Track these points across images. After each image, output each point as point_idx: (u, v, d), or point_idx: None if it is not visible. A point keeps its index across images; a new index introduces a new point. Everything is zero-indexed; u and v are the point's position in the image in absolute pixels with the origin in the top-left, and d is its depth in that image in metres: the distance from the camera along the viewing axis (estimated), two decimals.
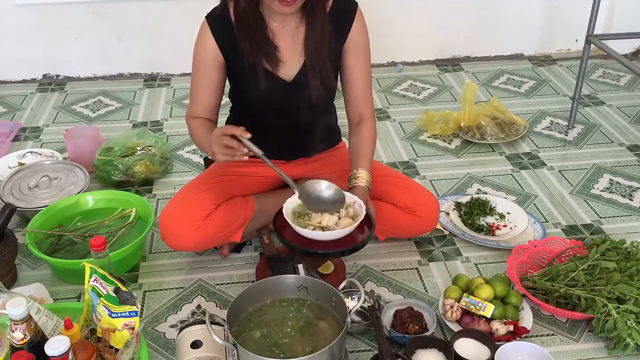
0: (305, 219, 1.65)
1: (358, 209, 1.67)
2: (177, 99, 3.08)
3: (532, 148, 2.61)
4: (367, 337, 1.69)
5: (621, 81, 3.19)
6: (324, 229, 1.61)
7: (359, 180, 1.75)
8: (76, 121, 2.88)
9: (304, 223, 1.64)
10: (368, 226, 1.67)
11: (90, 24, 3.14)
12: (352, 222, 1.62)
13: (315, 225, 1.62)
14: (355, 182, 1.75)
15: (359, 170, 1.77)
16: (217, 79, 1.80)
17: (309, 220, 1.65)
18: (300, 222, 1.63)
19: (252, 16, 1.69)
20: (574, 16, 3.30)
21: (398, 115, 2.90)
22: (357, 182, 1.75)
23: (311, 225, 1.62)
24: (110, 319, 1.42)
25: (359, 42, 1.80)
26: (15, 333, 1.31)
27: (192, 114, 1.84)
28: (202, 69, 1.79)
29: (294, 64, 1.76)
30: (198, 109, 1.83)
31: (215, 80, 1.80)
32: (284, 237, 1.64)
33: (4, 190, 2.16)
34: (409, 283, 1.89)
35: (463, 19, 3.35)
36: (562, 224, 2.15)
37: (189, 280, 1.91)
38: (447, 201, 2.22)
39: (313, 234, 1.59)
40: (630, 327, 1.60)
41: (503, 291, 1.73)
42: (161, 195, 2.31)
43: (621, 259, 1.78)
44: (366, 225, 1.67)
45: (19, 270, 1.94)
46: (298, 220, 1.65)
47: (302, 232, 1.60)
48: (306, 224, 1.63)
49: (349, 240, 1.63)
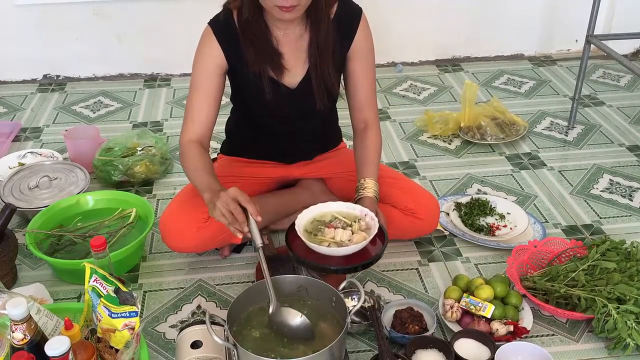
0: (319, 235, 1.65)
1: (370, 221, 1.67)
2: (177, 99, 3.08)
3: (532, 148, 2.61)
4: (367, 338, 1.69)
5: (621, 81, 3.19)
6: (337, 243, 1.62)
7: (366, 191, 1.74)
8: (76, 121, 2.88)
9: (318, 240, 1.63)
10: (381, 238, 1.66)
11: (90, 24, 3.14)
12: (365, 237, 1.61)
13: (329, 241, 1.62)
14: (363, 193, 1.74)
15: (367, 180, 1.76)
16: (218, 87, 1.75)
17: (322, 235, 1.64)
18: (313, 239, 1.63)
19: (256, 24, 1.67)
20: (574, 16, 3.30)
21: (398, 115, 2.90)
22: (365, 192, 1.74)
23: (325, 241, 1.62)
24: (111, 319, 1.42)
25: (363, 48, 1.79)
26: (15, 333, 1.31)
27: (188, 136, 1.74)
28: (205, 76, 1.73)
29: (298, 71, 1.76)
30: (196, 125, 1.74)
31: (217, 89, 1.75)
32: (295, 253, 1.63)
33: (4, 191, 2.16)
34: (409, 283, 1.89)
35: (463, 19, 3.36)
36: (562, 224, 2.15)
37: (189, 281, 1.91)
38: (447, 201, 2.22)
39: (325, 250, 1.58)
40: (630, 327, 1.60)
41: (503, 291, 1.73)
42: (161, 196, 2.31)
43: (621, 260, 1.78)
44: (379, 237, 1.66)
45: (19, 270, 1.94)
46: (310, 236, 1.64)
47: (315, 248, 1.59)
48: (320, 239, 1.63)
49: (362, 255, 1.62)
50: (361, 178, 1.77)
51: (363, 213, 1.68)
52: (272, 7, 1.58)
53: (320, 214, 1.71)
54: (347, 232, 1.62)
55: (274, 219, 2.01)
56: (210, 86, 1.73)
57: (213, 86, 1.74)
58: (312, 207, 1.71)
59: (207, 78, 1.73)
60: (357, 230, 1.64)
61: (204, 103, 1.74)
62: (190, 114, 1.75)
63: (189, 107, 1.76)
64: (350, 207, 1.72)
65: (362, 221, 1.67)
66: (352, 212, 1.70)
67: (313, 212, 1.71)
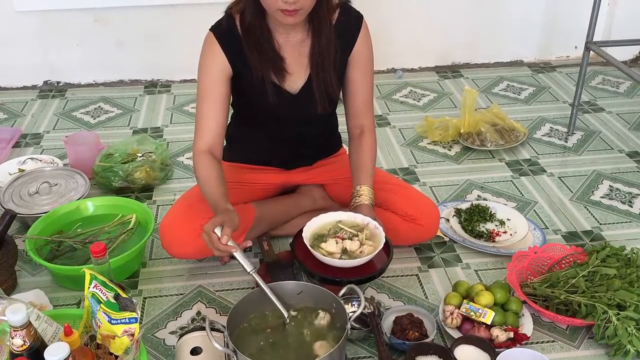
0: (322, 245, 1.66)
1: (374, 229, 1.68)
2: (178, 105, 3.08)
3: (532, 154, 2.61)
4: (367, 344, 1.69)
5: (620, 88, 3.20)
6: (347, 251, 1.63)
7: (362, 199, 1.75)
8: (77, 127, 2.88)
9: (325, 251, 1.64)
10: (385, 249, 1.67)
11: (91, 31, 3.15)
12: (373, 247, 1.63)
13: (337, 253, 1.63)
14: (358, 201, 1.75)
15: (362, 187, 1.77)
16: (225, 92, 1.75)
17: (325, 245, 1.66)
18: (320, 252, 1.64)
19: (259, 29, 1.68)
20: (573, 23, 3.31)
21: (398, 121, 2.90)
22: (361, 200, 1.75)
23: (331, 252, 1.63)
24: (110, 326, 1.42)
25: (363, 55, 1.80)
26: (14, 339, 1.31)
27: (199, 147, 1.74)
28: (211, 83, 1.73)
29: (299, 76, 1.76)
30: (207, 133, 1.74)
31: (224, 94, 1.75)
32: (304, 265, 1.65)
33: (4, 197, 2.16)
34: (409, 289, 1.89)
35: (462, 25, 3.37)
36: (562, 230, 2.15)
37: (189, 287, 1.91)
38: (447, 207, 2.22)
39: (333, 262, 1.60)
40: (631, 333, 1.60)
41: (503, 298, 1.73)
42: (161, 202, 2.31)
43: (621, 266, 1.78)
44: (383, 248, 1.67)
45: (19, 276, 1.94)
46: (318, 248, 1.66)
47: (323, 259, 1.61)
48: (329, 252, 1.64)
49: (367, 267, 1.64)
50: (356, 185, 1.78)
51: (365, 222, 1.69)
52: (275, 11, 1.58)
53: (323, 224, 1.72)
54: (355, 242, 1.64)
55: (274, 224, 2.01)
56: (217, 93, 1.73)
57: (220, 93, 1.74)
58: (315, 219, 1.72)
59: (213, 85, 1.73)
60: (364, 240, 1.65)
61: (212, 111, 1.74)
62: (200, 124, 1.76)
63: (199, 116, 1.76)
64: (352, 216, 1.73)
65: (366, 230, 1.68)
66: (354, 220, 1.71)
67: (317, 223, 1.73)
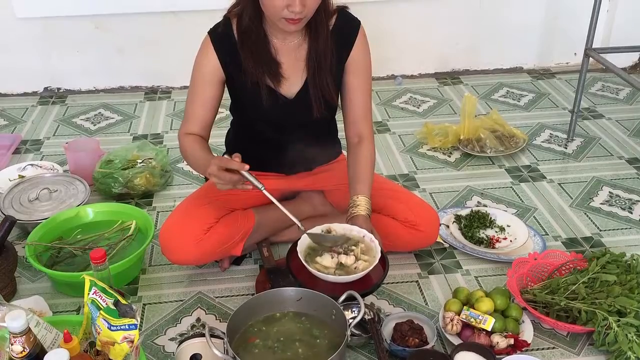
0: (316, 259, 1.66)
1: (370, 243, 1.67)
2: (178, 111, 3.08)
3: (532, 161, 2.62)
4: (367, 350, 1.69)
5: (620, 94, 3.20)
6: (342, 266, 1.63)
7: (359, 209, 1.73)
8: (77, 134, 2.89)
9: (320, 267, 1.64)
10: (381, 262, 1.67)
11: (91, 37, 3.16)
12: (368, 262, 1.63)
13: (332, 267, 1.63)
14: (355, 211, 1.73)
15: (359, 197, 1.75)
16: (215, 95, 1.79)
17: (321, 259, 1.65)
18: (315, 266, 1.64)
19: (255, 33, 1.69)
20: (573, 30, 3.32)
21: (398, 128, 2.91)
22: (358, 210, 1.73)
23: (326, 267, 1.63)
24: (110, 332, 1.41)
25: (360, 61, 1.79)
26: (14, 346, 1.30)
27: (185, 130, 1.81)
28: (201, 84, 1.77)
29: (296, 81, 1.76)
30: (193, 124, 1.81)
31: (213, 96, 1.79)
32: (299, 280, 1.65)
33: (4, 203, 2.16)
34: (409, 296, 1.89)
35: (462, 32, 3.37)
36: (562, 236, 2.15)
37: (188, 293, 1.90)
38: (447, 214, 2.22)
39: (328, 277, 1.60)
40: (631, 340, 1.59)
41: (503, 304, 1.72)
42: (161, 208, 2.32)
43: (621, 272, 1.78)
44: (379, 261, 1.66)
45: (19, 282, 1.94)
46: (313, 262, 1.65)
47: (317, 275, 1.60)
48: (324, 266, 1.64)
49: (362, 282, 1.63)
50: (354, 195, 1.76)
51: (361, 234, 1.69)
52: (279, 20, 1.59)
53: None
54: (350, 257, 1.63)
55: (274, 231, 2.01)
56: (205, 94, 1.78)
57: (209, 94, 1.78)
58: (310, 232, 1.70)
59: (203, 86, 1.78)
60: (359, 255, 1.65)
61: (200, 109, 1.80)
62: (187, 117, 1.84)
63: (187, 110, 1.84)
64: (347, 228, 1.71)
65: (362, 243, 1.68)
66: (350, 233, 1.70)
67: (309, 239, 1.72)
